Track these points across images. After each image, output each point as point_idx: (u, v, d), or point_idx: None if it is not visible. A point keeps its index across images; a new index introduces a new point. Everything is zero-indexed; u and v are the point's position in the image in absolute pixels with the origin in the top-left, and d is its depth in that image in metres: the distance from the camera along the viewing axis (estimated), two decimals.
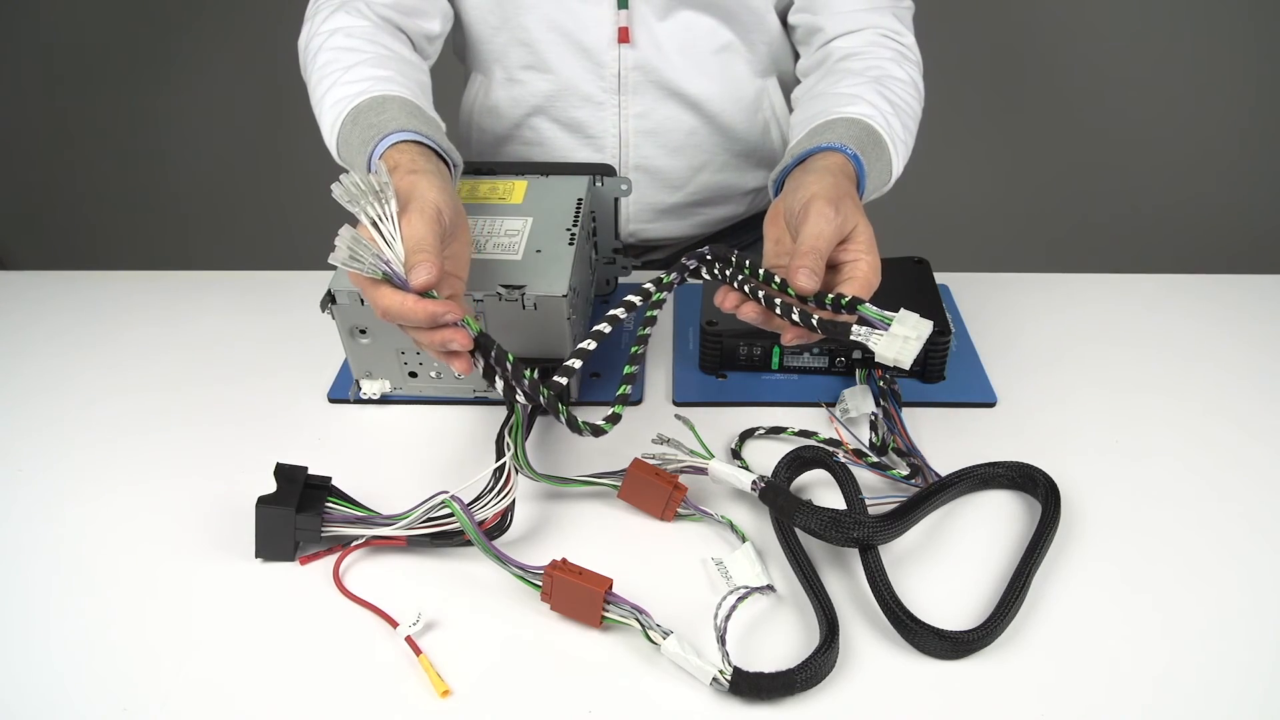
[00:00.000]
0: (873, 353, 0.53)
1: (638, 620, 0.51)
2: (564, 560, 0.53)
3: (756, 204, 1.01)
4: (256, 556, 0.57)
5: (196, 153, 1.96)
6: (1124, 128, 1.83)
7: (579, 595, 0.52)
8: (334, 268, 0.66)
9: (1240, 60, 1.74)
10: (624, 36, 0.84)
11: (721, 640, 0.49)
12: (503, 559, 0.54)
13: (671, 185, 0.93)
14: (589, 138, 0.89)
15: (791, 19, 0.85)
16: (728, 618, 0.50)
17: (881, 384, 0.68)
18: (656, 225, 0.96)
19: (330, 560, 0.57)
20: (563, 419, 0.57)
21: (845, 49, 0.80)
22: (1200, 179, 1.89)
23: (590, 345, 0.57)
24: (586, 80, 0.86)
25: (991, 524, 0.60)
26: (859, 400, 0.67)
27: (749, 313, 0.59)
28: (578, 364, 0.56)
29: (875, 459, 0.63)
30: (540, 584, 0.53)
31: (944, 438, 0.66)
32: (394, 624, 0.53)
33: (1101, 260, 1.98)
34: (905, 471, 0.62)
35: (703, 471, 0.61)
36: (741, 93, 0.90)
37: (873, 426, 0.66)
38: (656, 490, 0.59)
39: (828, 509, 0.55)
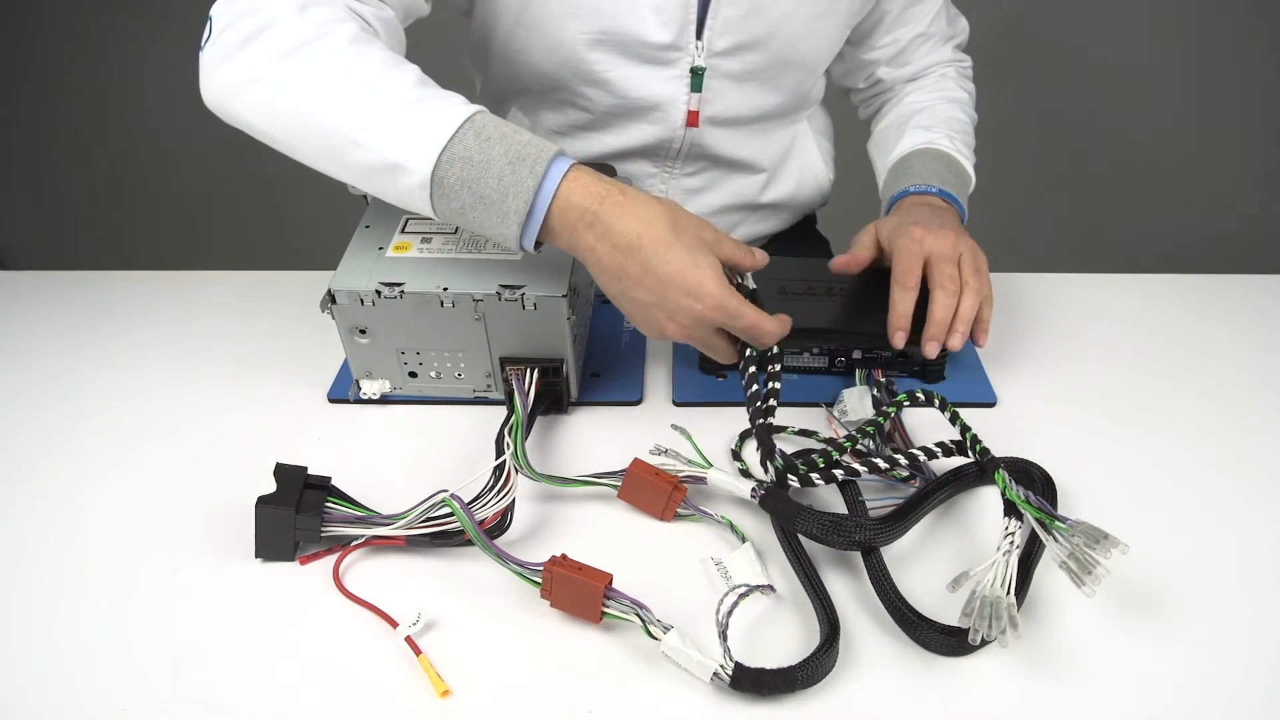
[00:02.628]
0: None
1: (638, 615, 0.50)
2: (564, 556, 0.53)
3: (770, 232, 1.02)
4: (256, 556, 0.57)
5: (197, 152, 1.96)
6: (1124, 127, 1.83)
7: (579, 591, 0.52)
8: (334, 267, 0.66)
9: (1241, 60, 1.73)
10: (693, 121, 0.82)
11: (723, 635, 0.49)
12: (502, 556, 0.54)
13: None
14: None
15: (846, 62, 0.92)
16: (729, 613, 0.50)
17: (878, 386, 0.68)
18: None
19: (330, 560, 0.57)
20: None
21: (915, 104, 0.89)
22: (1201, 179, 1.89)
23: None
24: (645, 147, 0.85)
25: (990, 521, 0.60)
26: (857, 403, 0.67)
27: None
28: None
29: (874, 460, 0.63)
30: (540, 580, 0.53)
31: (944, 438, 0.66)
32: (394, 624, 0.53)
33: (1102, 260, 1.98)
34: (905, 473, 0.62)
35: (702, 481, 0.61)
36: (782, 146, 0.92)
37: (869, 434, 0.65)
38: (656, 490, 0.59)
39: (828, 514, 0.55)
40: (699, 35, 0.75)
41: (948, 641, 0.51)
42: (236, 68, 0.59)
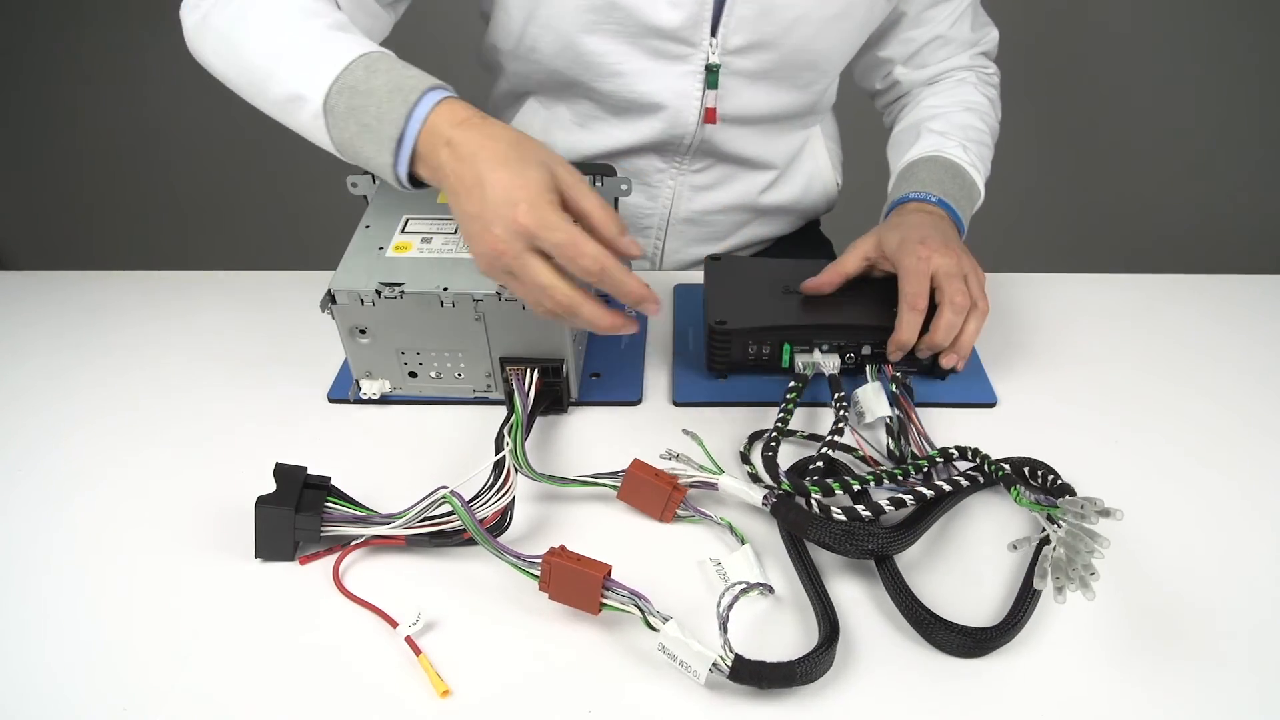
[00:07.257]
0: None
1: (637, 606, 0.50)
2: (562, 547, 0.53)
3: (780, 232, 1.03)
4: (256, 556, 0.57)
5: (197, 152, 1.96)
6: (1126, 128, 1.83)
7: (577, 582, 0.51)
8: (334, 267, 0.66)
9: (1241, 60, 1.74)
10: (710, 118, 0.83)
11: (723, 627, 0.49)
12: (500, 549, 0.54)
13: (715, 237, 0.96)
14: (644, 185, 0.90)
15: (863, 68, 0.93)
16: (730, 606, 0.49)
17: (894, 383, 0.67)
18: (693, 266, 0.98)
19: (330, 560, 0.57)
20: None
21: (930, 108, 0.89)
22: (1202, 179, 1.89)
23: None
24: (657, 142, 0.85)
25: (995, 523, 0.60)
26: (873, 401, 0.66)
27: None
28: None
29: (892, 468, 0.61)
30: (538, 573, 0.53)
31: (946, 438, 0.66)
32: (394, 624, 0.53)
33: (1102, 260, 1.98)
34: (918, 485, 0.60)
35: (713, 487, 0.60)
36: (793, 148, 0.93)
37: (890, 432, 0.65)
38: (656, 491, 0.59)
39: (840, 522, 0.55)
40: (714, 33, 0.77)
41: (964, 643, 0.51)
42: (201, 16, 0.68)
